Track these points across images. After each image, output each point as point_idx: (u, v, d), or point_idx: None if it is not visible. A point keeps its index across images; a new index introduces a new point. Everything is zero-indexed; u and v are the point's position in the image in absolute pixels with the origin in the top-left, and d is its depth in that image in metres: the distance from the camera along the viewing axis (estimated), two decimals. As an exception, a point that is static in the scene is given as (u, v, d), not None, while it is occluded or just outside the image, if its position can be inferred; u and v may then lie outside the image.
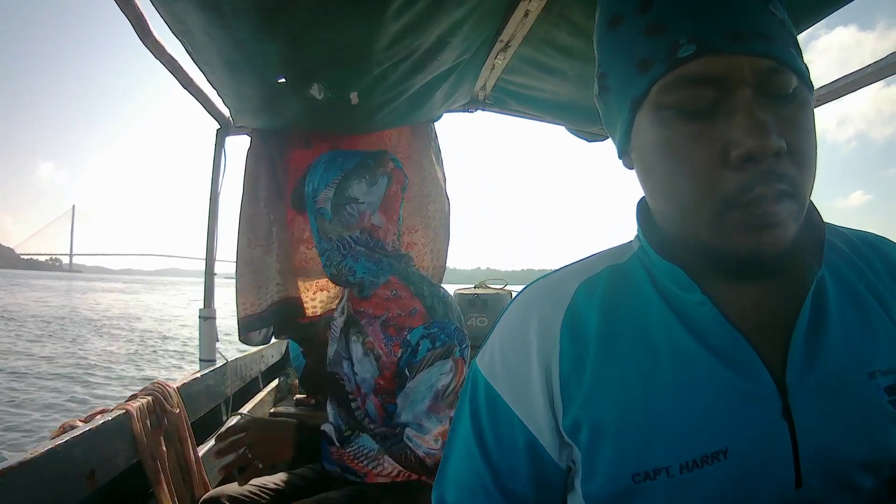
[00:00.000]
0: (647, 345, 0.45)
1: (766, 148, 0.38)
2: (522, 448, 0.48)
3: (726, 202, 0.40)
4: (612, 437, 0.44)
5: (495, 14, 1.34)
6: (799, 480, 0.42)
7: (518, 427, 0.48)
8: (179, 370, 8.43)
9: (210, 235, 1.99)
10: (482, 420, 0.50)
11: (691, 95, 0.40)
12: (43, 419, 5.43)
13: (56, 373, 7.86)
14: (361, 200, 1.17)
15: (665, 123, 0.41)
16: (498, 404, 0.49)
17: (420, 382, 1.06)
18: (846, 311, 0.45)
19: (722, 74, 0.39)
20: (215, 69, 1.42)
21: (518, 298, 0.52)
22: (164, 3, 1.11)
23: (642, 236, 0.50)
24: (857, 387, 0.43)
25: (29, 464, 0.79)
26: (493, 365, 0.50)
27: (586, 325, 0.47)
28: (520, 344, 0.49)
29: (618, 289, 0.49)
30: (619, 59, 0.44)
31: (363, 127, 1.98)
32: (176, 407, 1.27)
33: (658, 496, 0.43)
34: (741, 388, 0.43)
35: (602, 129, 2.17)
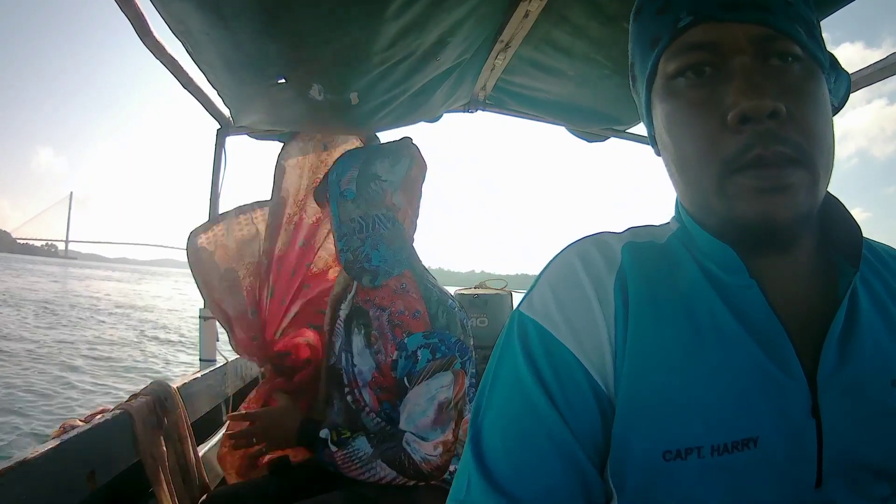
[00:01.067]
0: (691, 321, 0.45)
1: (760, 107, 0.39)
2: (591, 399, 0.44)
3: (727, 165, 0.41)
4: (647, 410, 0.43)
5: (495, 14, 1.34)
6: (819, 480, 0.42)
7: (583, 375, 0.44)
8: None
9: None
10: (541, 366, 0.45)
11: (690, 59, 0.42)
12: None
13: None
14: (384, 178, 1.21)
15: (671, 93, 0.43)
16: (556, 348, 0.45)
17: (420, 395, 1.04)
18: (873, 318, 0.46)
19: (717, 41, 0.41)
20: (215, 69, 1.43)
21: (566, 251, 0.50)
22: (164, 3, 1.11)
23: (687, 216, 0.49)
24: (882, 392, 0.44)
25: (29, 464, 0.79)
26: (549, 311, 0.46)
27: (631, 290, 0.46)
28: (578, 294, 0.47)
29: (661, 263, 0.48)
30: (639, 44, 0.47)
31: (363, 127, 1.98)
32: (176, 407, 1.27)
33: (685, 477, 0.42)
34: (776, 378, 0.43)
35: (602, 130, 2.17)
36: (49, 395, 5.93)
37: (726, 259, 0.45)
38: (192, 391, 1.45)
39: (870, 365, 0.44)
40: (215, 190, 1.94)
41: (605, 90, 1.79)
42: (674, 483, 0.42)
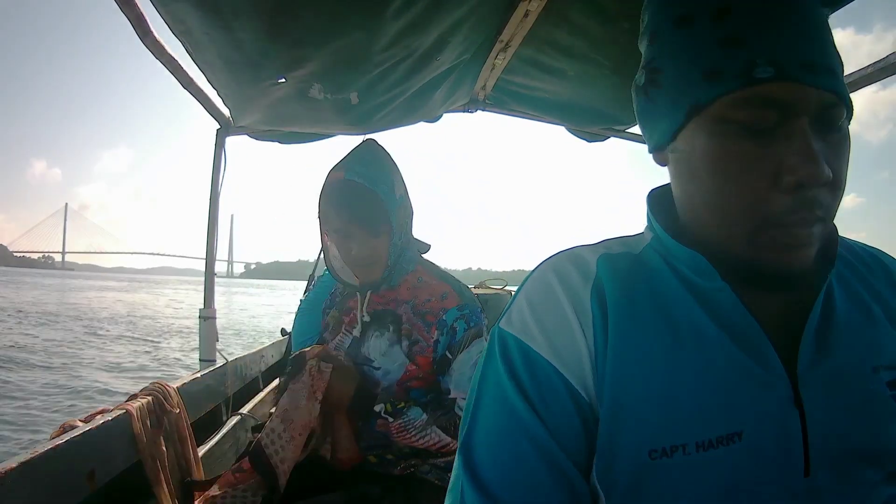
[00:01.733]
0: (669, 325, 0.46)
1: (818, 177, 0.40)
2: (570, 406, 0.46)
3: (768, 221, 0.42)
4: (632, 412, 0.44)
5: (495, 14, 1.34)
6: (807, 469, 0.44)
7: (562, 384, 0.46)
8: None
9: (210, 235, 1.99)
10: (522, 378, 0.47)
11: (758, 116, 0.41)
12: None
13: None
14: (399, 174, 1.20)
15: (724, 136, 0.42)
16: (536, 360, 0.47)
17: (463, 363, 1.10)
18: (851, 312, 0.48)
19: (790, 101, 0.40)
20: (215, 69, 1.43)
21: (541, 267, 0.52)
22: (164, 3, 1.11)
23: (658, 226, 0.51)
24: (863, 379, 0.45)
25: (29, 464, 0.79)
26: (527, 326, 0.48)
27: (609, 298, 0.48)
28: (554, 308, 0.48)
29: (637, 272, 0.50)
30: (682, 60, 0.44)
31: (363, 127, 1.98)
32: (176, 407, 1.27)
33: (673, 474, 0.43)
34: (756, 373, 0.44)
35: (602, 129, 2.17)
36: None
37: (698, 265, 0.47)
38: (192, 391, 1.45)
39: (849, 354, 0.46)
40: (215, 190, 1.94)
41: (605, 90, 1.79)
42: (661, 481, 0.43)
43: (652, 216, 0.52)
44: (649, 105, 0.48)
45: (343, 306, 1.23)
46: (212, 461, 1.42)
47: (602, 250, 0.52)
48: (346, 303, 1.23)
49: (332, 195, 1.11)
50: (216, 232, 2.02)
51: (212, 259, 1.99)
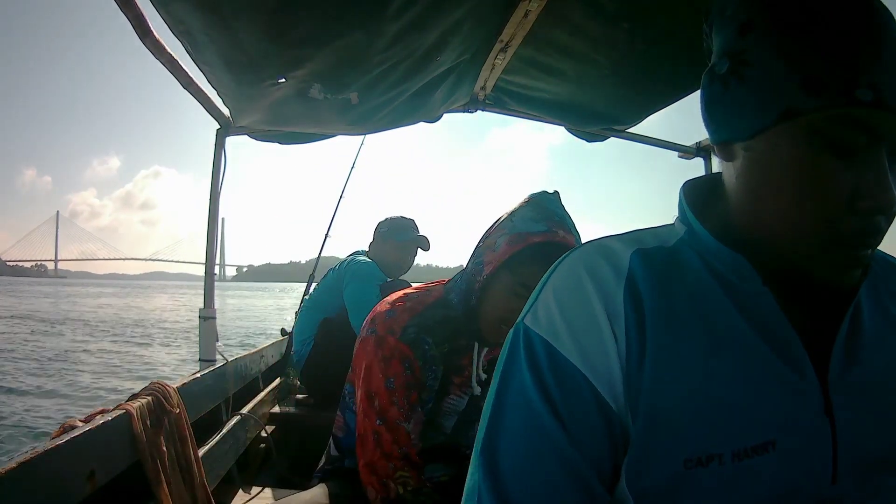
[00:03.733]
0: (706, 328, 0.45)
1: (891, 205, 0.41)
2: (597, 416, 0.44)
3: (835, 240, 0.42)
4: (668, 419, 0.43)
5: (495, 14, 1.34)
6: (835, 477, 0.44)
7: (589, 392, 0.44)
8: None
9: (210, 235, 1.99)
10: (548, 384, 0.44)
11: (851, 137, 0.41)
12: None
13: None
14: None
15: (814, 150, 0.42)
16: (562, 364, 0.45)
17: None
18: (878, 321, 0.48)
19: (881, 129, 0.41)
20: (215, 69, 1.43)
21: (569, 260, 0.50)
22: (164, 3, 1.11)
23: (698, 224, 0.49)
24: (889, 389, 0.46)
25: (29, 464, 0.79)
26: (555, 326, 0.46)
27: (645, 299, 0.46)
28: (584, 307, 0.46)
29: (672, 269, 0.48)
30: (780, 61, 0.42)
31: (363, 127, 1.98)
32: (176, 407, 1.27)
33: (707, 485, 0.42)
34: (791, 381, 0.44)
35: (602, 129, 2.17)
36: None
37: (740, 268, 0.46)
38: (192, 391, 1.45)
39: (877, 363, 0.46)
40: (215, 190, 1.94)
41: (605, 90, 1.79)
42: (695, 490, 0.42)
43: (689, 211, 0.50)
44: (727, 97, 0.46)
45: (453, 364, 1.04)
46: (212, 461, 1.42)
47: (635, 244, 0.49)
48: (458, 361, 1.05)
49: (551, 257, 1.01)
50: (216, 232, 2.02)
51: (211, 259, 1.99)
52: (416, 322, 1.01)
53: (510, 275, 0.97)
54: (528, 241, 0.94)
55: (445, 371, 1.02)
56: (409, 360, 0.98)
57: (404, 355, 0.98)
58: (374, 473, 0.96)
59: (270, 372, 2.45)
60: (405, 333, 0.99)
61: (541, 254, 0.93)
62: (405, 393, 0.97)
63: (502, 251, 0.95)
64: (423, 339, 1.00)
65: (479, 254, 0.99)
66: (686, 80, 1.65)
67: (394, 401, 0.96)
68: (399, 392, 0.97)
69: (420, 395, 0.99)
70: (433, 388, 1.01)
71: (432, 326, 1.01)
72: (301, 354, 2.19)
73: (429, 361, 1.00)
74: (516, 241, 0.95)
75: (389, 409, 0.96)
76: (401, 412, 0.96)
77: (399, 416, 0.96)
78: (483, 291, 0.98)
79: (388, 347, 0.98)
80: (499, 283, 0.98)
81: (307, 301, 2.35)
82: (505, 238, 0.96)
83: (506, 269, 0.96)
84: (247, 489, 1.58)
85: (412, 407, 0.97)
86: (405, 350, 0.98)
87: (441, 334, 1.01)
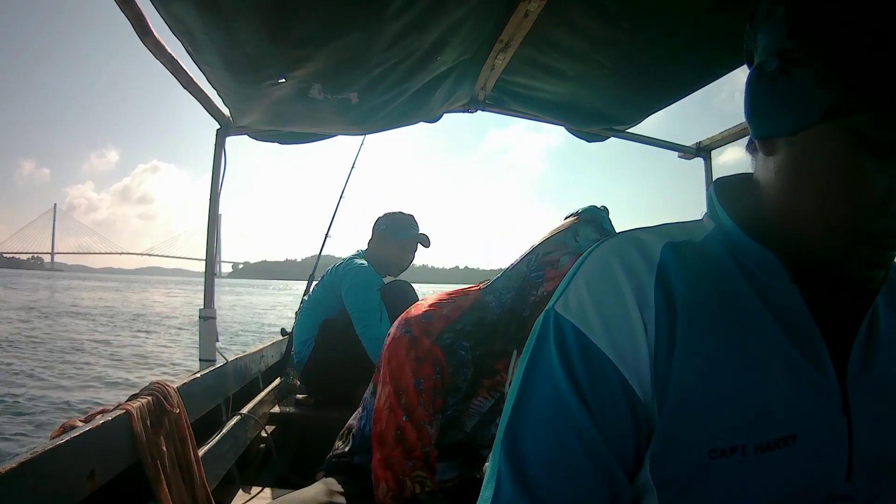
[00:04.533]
0: (735, 323, 0.46)
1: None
2: (624, 405, 0.44)
3: (868, 239, 0.43)
4: (695, 409, 0.44)
5: (495, 14, 1.34)
6: (849, 473, 0.45)
7: (618, 382, 0.44)
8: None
9: (210, 235, 1.99)
10: (577, 371, 0.45)
11: (889, 139, 0.41)
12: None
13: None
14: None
15: (855, 150, 0.43)
16: (592, 352, 0.45)
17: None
18: (892, 324, 0.50)
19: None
20: (215, 69, 1.43)
21: (601, 249, 0.50)
22: (164, 3, 1.11)
23: (728, 219, 0.50)
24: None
25: (29, 464, 0.79)
26: (586, 313, 0.46)
27: (676, 291, 0.46)
28: (615, 297, 0.46)
29: (702, 263, 0.48)
30: (825, 60, 0.43)
31: (363, 127, 1.98)
32: (176, 407, 1.27)
33: (730, 475, 0.43)
34: (813, 378, 0.45)
35: (602, 129, 2.17)
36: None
37: (769, 264, 0.47)
38: (192, 391, 1.45)
39: (891, 365, 0.48)
40: (215, 189, 1.94)
41: (605, 90, 1.79)
42: (718, 480, 0.43)
43: (720, 207, 0.51)
44: (773, 93, 0.46)
45: (486, 367, 1.03)
46: (212, 461, 1.42)
47: (666, 237, 0.50)
48: (491, 364, 1.03)
49: None
50: (216, 231, 2.02)
51: (211, 258, 1.99)
52: (453, 329, 1.00)
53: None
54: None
55: (476, 373, 1.01)
56: (441, 364, 0.98)
57: (437, 359, 0.98)
58: (389, 468, 0.95)
59: (270, 372, 2.45)
60: (441, 338, 0.99)
61: None
62: (431, 397, 0.97)
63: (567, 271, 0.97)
64: (459, 345, 0.99)
65: (539, 267, 0.98)
66: (686, 80, 1.65)
67: (421, 402, 0.96)
68: (426, 395, 0.97)
69: (446, 399, 0.99)
70: (461, 389, 1.00)
71: (469, 331, 1.01)
72: (301, 355, 2.18)
73: (461, 365, 0.99)
74: None
75: (417, 409, 0.96)
76: (426, 414, 0.96)
77: (424, 418, 0.96)
78: (538, 305, 0.98)
79: (422, 349, 0.98)
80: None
81: (307, 301, 2.34)
82: (570, 258, 0.96)
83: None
84: (247, 489, 1.58)
85: (436, 412, 0.98)
86: (438, 354, 0.98)
87: (476, 337, 1.01)
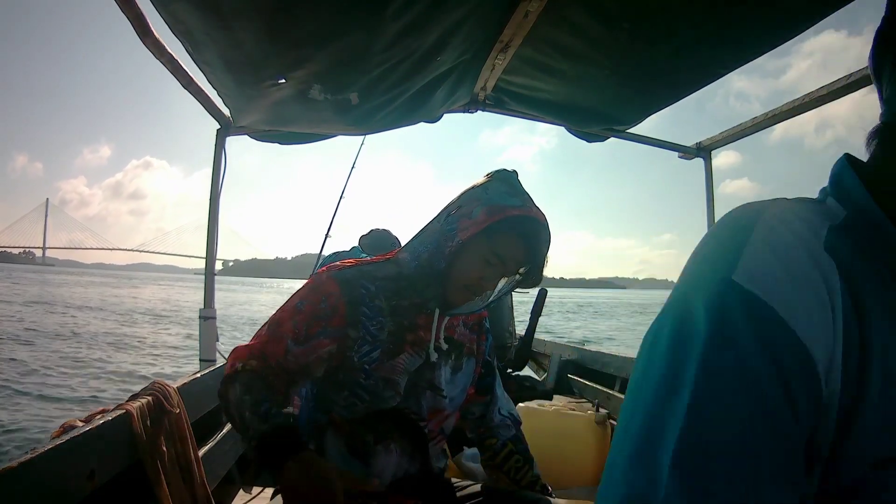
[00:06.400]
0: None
1: None
2: (813, 395, 0.37)
3: None
4: (878, 414, 0.38)
5: (495, 14, 1.34)
6: None
7: (812, 373, 0.37)
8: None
9: (210, 235, 1.99)
10: (782, 360, 0.37)
11: None
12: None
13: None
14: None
15: None
16: (793, 342, 0.37)
17: (499, 383, 1.19)
18: None
19: None
20: (215, 69, 1.43)
21: (768, 221, 0.42)
22: (164, 3, 1.11)
23: (875, 206, 0.43)
24: None
25: (29, 464, 0.79)
26: (778, 289, 0.38)
27: (856, 282, 0.40)
28: (806, 278, 0.39)
29: (856, 248, 0.41)
30: None
31: (363, 127, 1.98)
32: (176, 407, 1.27)
33: (892, 487, 0.39)
34: None
35: (602, 130, 2.17)
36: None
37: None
38: (192, 391, 1.45)
39: None
40: (215, 189, 1.94)
41: (605, 90, 1.79)
42: (878, 492, 0.40)
43: (868, 193, 0.43)
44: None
45: (407, 321, 1.04)
46: (212, 461, 1.42)
47: (825, 219, 0.42)
48: (413, 319, 1.04)
49: (526, 232, 1.02)
50: (216, 231, 2.02)
51: (212, 257, 1.99)
52: (361, 269, 1.04)
53: (487, 242, 1.00)
54: (506, 213, 0.99)
55: (398, 328, 1.02)
56: (333, 296, 0.99)
57: (328, 291, 0.99)
58: (233, 355, 0.98)
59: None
60: (341, 273, 1.01)
61: (518, 226, 1.00)
62: (308, 320, 0.98)
63: (480, 219, 0.99)
64: (361, 284, 1.01)
65: (452, 220, 1.02)
66: (686, 80, 1.65)
67: (293, 319, 0.98)
68: (302, 316, 0.98)
69: (329, 329, 0.98)
70: (377, 337, 1.00)
71: (380, 278, 1.03)
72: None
73: (369, 307, 1.01)
74: (496, 212, 0.98)
75: (284, 323, 0.98)
76: (295, 332, 0.97)
77: (289, 333, 0.97)
78: (454, 256, 1.01)
79: (318, 281, 1.01)
80: (473, 249, 1.01)
81: None
82: (483, 208, 0.99)
83: (483, 237, 1.00)
84: (247, 489, 1.58)
85: (308, 336, 0.97)
86: (332, 286, 1.00)
87: (390, 288, 1.03)
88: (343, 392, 0.99)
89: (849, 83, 1.44)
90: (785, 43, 1.39)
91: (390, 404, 1.01)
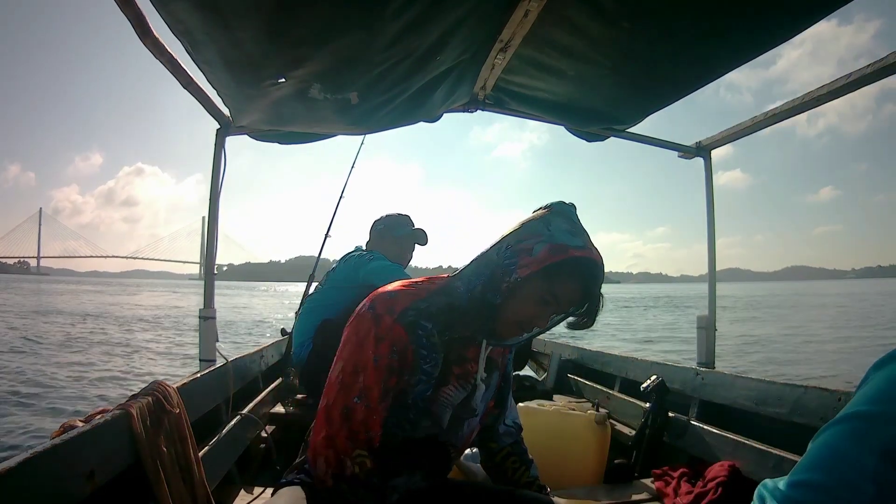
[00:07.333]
0: None
1: None
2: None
3: None
4: None
5: (495, 14, 1.34)
6: None
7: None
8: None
9: (210, 234, 1.99)
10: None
11: None
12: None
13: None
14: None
15: None
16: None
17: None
18: None
19: None
20: (215, 69, 1.43)
21: None
22: (164, 3, 1.11)
23: None
24: None
25: (29, 464, 0.79)
26: None
27: None
28: None
29: None
30: None
31: (363, 127, 1.98)
32: (176, 407, 1.27)
33: None
34: None
35: (602, 129, 2.17)
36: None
37: None
38: (192, 391, 1.45)
39: None
40: (215, 189, 1.94)
41: (605, 90, 1.79)
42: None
43: None
44: None
45: (455, 354, 1.02)
46: (212, 461, 1.42)
47: None
48: (461, 351, 1.02)
49: (584, 273, 0.98)
50: (216, 232, 2.02)
51: (212, 258, 1.99)
52: (417, 306, 0.98)
53: (544, 282, 0.96)
54: (569, 254, 0.94)
55: (446, 360, 1.00)
56: (402, 343, 0.96)
57: (396, 338, 0.96)
58: (332, 448, 0.94)
59: (270, 372, 2.45)
60: (403, 316, 0.96)
61: (578, 268, 0.95)
62: (385, 376, 0.95)
63: (542, 258, 0.94)
64: (420, 325, 0.97)
65: (512, 255, 0.97)
66: (686, 80, 1.65)
67: (376, 380, 0.95)
68: (380, 373, 0.95)
69: (401, 378, 0.96)
70: (431, 374, 0.98)
71: (434, 313, 0.99)
72: (300, 357, 2.18)
73: (426, 347, 0.97)
74: (558, 252, 0.94)
75: (373, 389, 0.95)
76: (378, 394, 0.95)
77: (375, 399, 0.95)
78: (510, 292, 0.97)
79: (383, 327, 0.96)
80: (530, 287, 0.96)
81: (307, 303, 2.34)
82: (545, 246, 0.95)
83: (541, 276, 0.95)
84: (247, 489, 1.58)
85: (386, 392, 0.96)
86: (400, 333, 0.96)
87: (444, 322, 0.99)
88: (386, 426, 0.97)
89: (849, 82, 1.44)
90: (784, 43, 1.39)
91: (426, 433, 1.00)
